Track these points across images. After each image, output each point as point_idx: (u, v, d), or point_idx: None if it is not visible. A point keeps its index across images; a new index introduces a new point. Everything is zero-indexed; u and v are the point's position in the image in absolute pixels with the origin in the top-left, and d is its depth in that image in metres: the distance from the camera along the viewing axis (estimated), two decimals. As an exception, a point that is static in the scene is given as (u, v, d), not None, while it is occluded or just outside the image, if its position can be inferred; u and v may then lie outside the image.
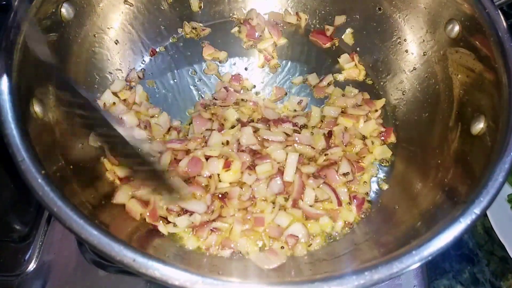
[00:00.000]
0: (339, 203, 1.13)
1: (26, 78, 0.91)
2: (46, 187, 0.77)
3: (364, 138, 1.25)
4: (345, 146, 1.23)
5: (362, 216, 1.14)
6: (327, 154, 1.19)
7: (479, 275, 1.36)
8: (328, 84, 1.35)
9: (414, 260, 0.76)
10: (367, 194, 1.18)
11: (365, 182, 1.20)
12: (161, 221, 1.07)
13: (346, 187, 1.16)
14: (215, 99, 1.30)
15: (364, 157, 1.22)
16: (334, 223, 1.12)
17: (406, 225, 0.97)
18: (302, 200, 1.12)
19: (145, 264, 0.73)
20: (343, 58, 1.39)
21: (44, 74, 0.99)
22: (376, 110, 1.30)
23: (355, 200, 1.15)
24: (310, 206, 1.12)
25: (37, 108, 0.93)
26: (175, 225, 1.06)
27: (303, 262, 1.03)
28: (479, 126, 0.98)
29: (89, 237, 0.74)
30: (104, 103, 1.23)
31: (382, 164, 1.24)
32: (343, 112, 1.28)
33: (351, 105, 1.30)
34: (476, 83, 1.02)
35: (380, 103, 1.31)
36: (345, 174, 1.16)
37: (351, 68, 1.38)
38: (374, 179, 1.22)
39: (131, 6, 1.26)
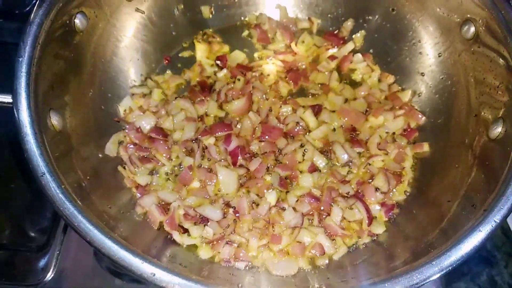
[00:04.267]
0: (370, 223, 1.09)
1: (42, 91, 0.92)
2: (67, 202, 0.78)
3: (394, 140, 1.22)
4: (380, 150, 1.20)
5: (390, 222, 1.12)
6: (370, 164, 1.17)
7: (498, 277, 1.34)
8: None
9: (434, 271, 0.76)
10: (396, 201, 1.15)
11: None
12: (177, 231, 1.07)
13: (379, 204, 1.13)
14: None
15: (403, 166, 1.18)
16: (360, 238, 1.09)
17: (425, 231, 0.97)
18: (329, 215, 1.10)
19: (165, 278, 0.73)
20: (356, 58, 1.38)
21: (60, 86, 1.00)
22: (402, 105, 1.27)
23: (384, 207, 1.12)
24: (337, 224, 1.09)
25: (54, 121, 0.94)
26: (189, 234, 1.07)
27: (321, 269, 1.03)
28: (497, 130, 0.96)
29: (110, 251, 0.75)
30: (125, 109, 1.24)
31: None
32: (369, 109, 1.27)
33: (377, 97, 1.28)
34: (494, 85, 1.01)
35: (405, 95, 1.29)
36: (378, 189, 1.13)
37: (363, 68, 1.37)
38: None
39: (143, 13, 1.26)
